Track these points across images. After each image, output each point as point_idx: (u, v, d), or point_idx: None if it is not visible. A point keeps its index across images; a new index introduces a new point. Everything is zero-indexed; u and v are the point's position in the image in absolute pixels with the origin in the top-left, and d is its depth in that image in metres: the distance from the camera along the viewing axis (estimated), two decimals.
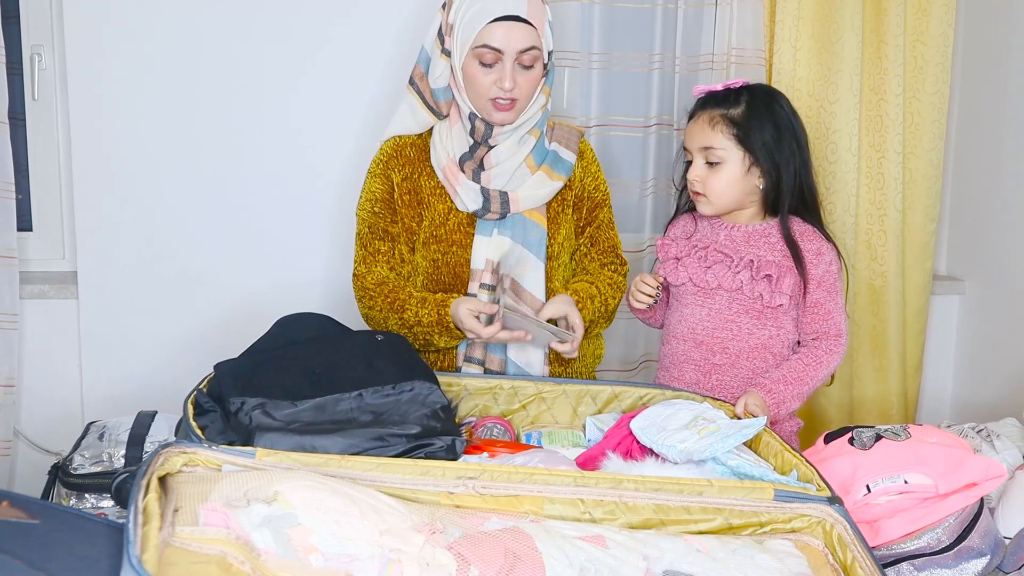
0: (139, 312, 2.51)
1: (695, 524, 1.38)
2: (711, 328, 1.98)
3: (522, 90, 1.92)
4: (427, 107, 2.02)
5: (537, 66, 1.93)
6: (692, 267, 1.99)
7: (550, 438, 1.75)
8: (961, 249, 2.87)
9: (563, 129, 2.08)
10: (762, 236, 1.97)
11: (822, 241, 1.97)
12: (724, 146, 1.93)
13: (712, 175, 1.95)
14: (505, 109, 1.93)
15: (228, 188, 2.52)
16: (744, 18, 2.55)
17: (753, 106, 1.94)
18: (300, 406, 1.55)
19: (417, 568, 1.16)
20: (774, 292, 1.92)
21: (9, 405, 2.43)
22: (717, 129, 1.94)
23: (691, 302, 2.00)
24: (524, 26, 1.88)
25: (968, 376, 2.87)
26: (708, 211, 1.99)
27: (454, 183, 1.97)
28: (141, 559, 1.02)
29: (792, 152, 1.95)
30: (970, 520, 1.50)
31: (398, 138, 2.05)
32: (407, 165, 2.02)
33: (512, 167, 1.98)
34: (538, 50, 1.91)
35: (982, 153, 2.76)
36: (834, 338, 1.95)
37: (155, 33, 2.43)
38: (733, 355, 1.97)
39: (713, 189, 1.95)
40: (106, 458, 1.85)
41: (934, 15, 2.66)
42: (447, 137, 2.00)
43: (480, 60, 1.90)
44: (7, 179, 2.35)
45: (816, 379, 1.92)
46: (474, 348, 1.96)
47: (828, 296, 1.95)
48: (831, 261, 1.96)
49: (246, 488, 1.21)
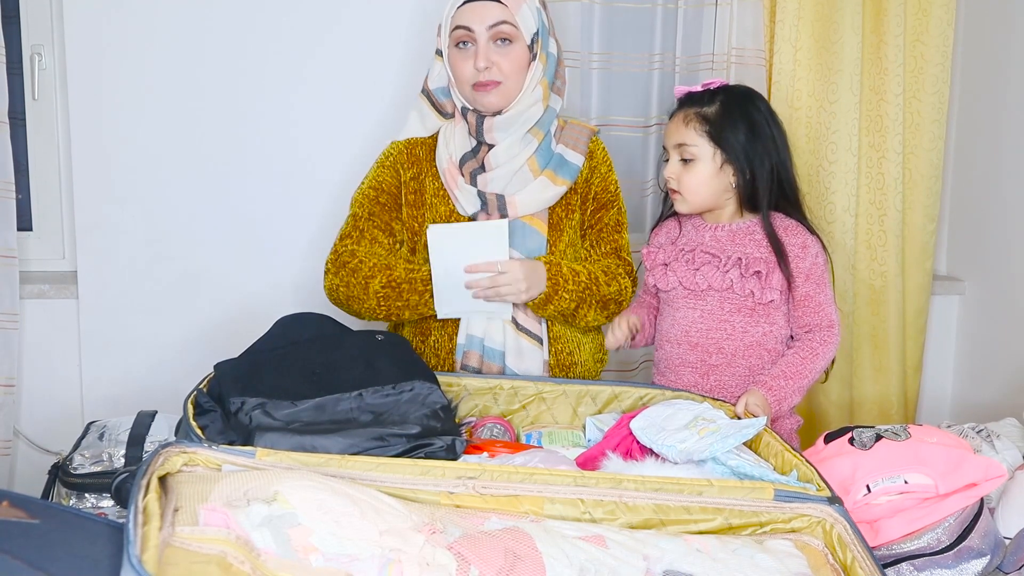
0: (139, 312, 2.51)
1: (695, 524, 1.38)
2: (705, 329, 1.98)
3: (502, 71, 1.91)
4: (436, 111, 2.04)
5: (517, 44, 1.91)
6: (680, 271, 2.00)
7: (550, 438, 1.75)
8: (961, 249, 2.87)
9: (573, 129, 2.05)
10: (747, 234, 1.98)
11: (807, 235, 1.98)
12: (696, 143, 1.95)
13: (686, 172, 1.97)
14: (488, 89, 1.91)
15: (228, 188, 2.52)
16: (744, 18, 2.55)
17: (727, 105, 1.96)
18: (300, 406, 1.55)
19: (417, 568, 1.16)
20: (764, 288, 1.93)
21: (9, 405, 2.43)
22: (690, 126, 1.96)
23: (683, 305, 2.01)
24: (494, 4, 1.89)
25: (968, 376, 2.87)
26: (684, 209, 2.01)
27: (452, 186, 1.97)
28: (141, 559, 1.02)
29: (767, 150, 1.96)
30: (970, 520, 1.50)
31: (410, 138, 2.06)
32: (415, 164, 2.02)
33: (512, 169, 1.96)
34: (510, 25, 1.90)
35: (982, 153, 2.76)
36: (827, 329, 1.95)
37: (155, 33, 2.43)
38: (729, 354, 1.97)
39: (687, 186, 1.97)
40: (106, 458, 1.85)
41: (934, 15, 2.66)
42: (451, 138, 2.00)
43: (456, 44, 1.92)
44: (7, 179, 2.35)
45: (814, 371, 1.93)
46: (470, 357, 1.95)
47: (817, 288, 1.96)
48: (817, 253, 1.97)
49: (246, 488, 1.21)
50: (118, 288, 2.50)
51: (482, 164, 1.97)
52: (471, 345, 1.96)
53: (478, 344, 1.95)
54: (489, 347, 1.95)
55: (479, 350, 1.95)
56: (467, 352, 1.95)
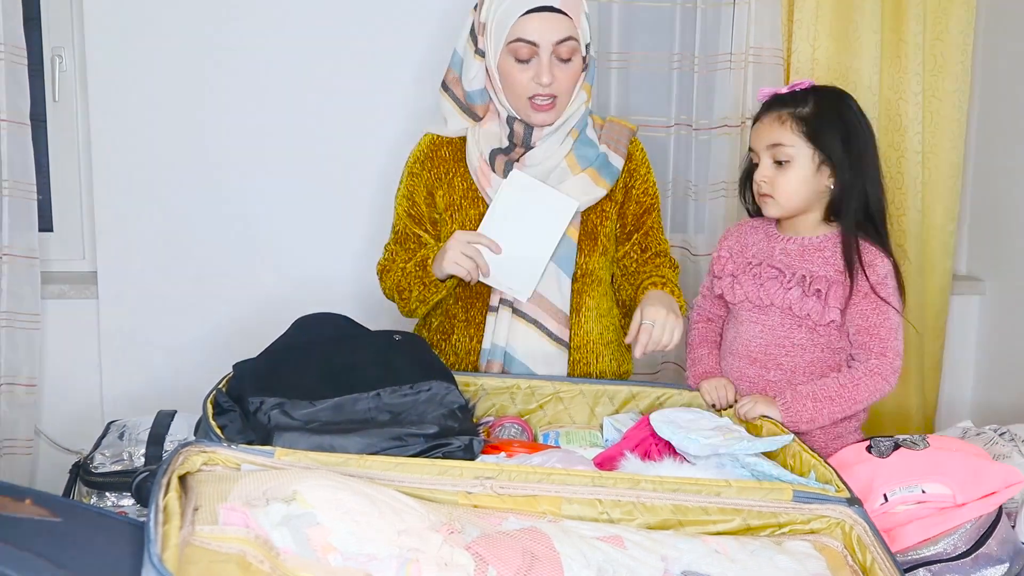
0: (159, 312, 2.53)
1: (713, 525, 1.38)
2: (764, 345, 1.90)
3: (561, 85, 1.85)
4: (463, 111, 1.97)
5: (576, 59, 1.86)
6: (747, 284, 1.91)
7: (567, 438, 1.75)
8: (981, 249, 2.85)
9: (614, 128, 1.99)
10: (817, 250, 1.88)
11: (879, 255, 1.86)
12: (794, 143, 1.85)
13: (781, 175, 1.86)
14: (545, 109, 1.86)
15: (247, 188, 2.53)
16: (762, 17, 2.54)
17: (821, 105, 1.87)
18: (318, 406, 1.55)
19: (435, 568, 1.16)
20: (825, 308, 1.83)
21: (31, 404, 2.45)
22: (786, 126, 1.86)
23: (746, 319, 1.93)
24: (559, 16, 1.82)
25: (988, 377, 2.85)
26: (775, 213, 1.90)
27: (484, 183, 1.92)
28: (162, 557, 1.03)
29: (861, 154, 1.87)
30: (988, 527, 1.48)
31: (435, 136, 2.00)
32: (441, 165, 1.98)
33: (548, 168, 1.91)
34: (575, 41, 1.84)
35: (1002, 152, 2.74)
36: (877, 356, 1.81)
37: (174, 34, 2.44)
38: (788, 371, 1.87)
39: (781, 189, 1.86)
40: (126, 457, 1.86)
41: (954, 14, 2.64)
42: (480, 136, 1.94)
43: (515, 56, 1.83)
44: (28, 180, 2.37)
45: (850, 402, 1.81)
46: (492, 366, 1.93)
47: (875, 309, 1.82)
48: (886, 274, 1.84)
49: (265, 487, 1.22)
50: (138, 288, 2.51)
51: (517, 160, 1.91)
52: (494, 354, 1.93)
53: (500, 353, 1.93)
54: (510, 355, 1.93)
55: (500, 359, 1.93)
56: (490, 361, 1.94)
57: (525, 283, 1.89)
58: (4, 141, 2.33)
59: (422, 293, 1.91)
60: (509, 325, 1.93)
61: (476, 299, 1.97)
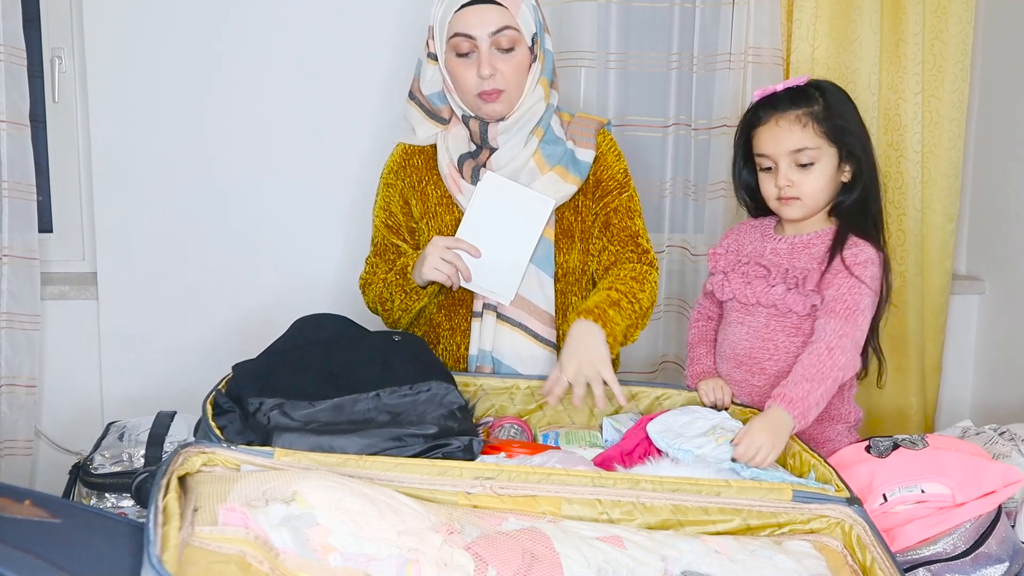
0: (158, 313, 2.53)
1: (713, 525, 1.38)
2: (748, 348, 1.89)
3: (506, 77, 1.85)
4: (430, 117, 1.97)
5: (519, 49, 1.86)
6: (736, 282, 1.91)
7: (567, 438, 1.75)
8: (981, 248, 2.85)
9: (581, 123, 1.99)
10: (805, 247, 1.87)
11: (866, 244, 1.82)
12: (818, 144, 1.83)
13: (805, 177, 1.84)
14: (492, 99, 1.87)
15: (246, 189, 2.53)
16: (761, 17, 2.54)
17: (828, 100, 1.86)
18: (318, 406, 1.56)
19: (435, 568, 1.16)
20: (805, 297, 1.80)
21: (30, 405, 2.44)
22: (808, 129, 1.84)
23: (734, 320, 1.92)
24: (494, 7, 1.83)
25: (988, 377, 2.85)
26: (800, 214, 1.87)
27: (455, 190, 1.93)
28: (161, 558, 1.03)
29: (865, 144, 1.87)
30: (987, 526, 1.48)
31: (406, 145, 2.02)
32: (414, 173, 1.99)
33: (516, 168, 1.91)
34: (514, 30, 1.84)
35: (1002, 151, 2.74)
36: (841, 318, 1.74)
37: (174, 36, 2.44)
38: (772, 376, 1.85)
39: (809, 191, 1.84)
40: (126, 458, 1.86)
41: (953, 13, 2.64)
42: (450, 142, 1.95)
43: (456, 51, 1.85)
44: (28, 181, 2.37)
45: (835, 368, 1.69)
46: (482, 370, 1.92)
47: (849, 283, 1.77)
48: (866, 260, 1.79)
49: (265, 488, 1.22)
50: (138, 289, 2.51)
51: (484, 164, 1.92)
52: (482, 359, 1.93)
53: (487, 358, 1.93)
54: (498, 359, 1.92)
55: (489, 364, 1.93)
56: (479, 367, 1.93)
57: (507, 286, 1.89)
58: (4, 142, 2.33)
59: (404, 301, 1.92)
60: (494, 330, 1.92)
61: (459, 306, 1.96)
